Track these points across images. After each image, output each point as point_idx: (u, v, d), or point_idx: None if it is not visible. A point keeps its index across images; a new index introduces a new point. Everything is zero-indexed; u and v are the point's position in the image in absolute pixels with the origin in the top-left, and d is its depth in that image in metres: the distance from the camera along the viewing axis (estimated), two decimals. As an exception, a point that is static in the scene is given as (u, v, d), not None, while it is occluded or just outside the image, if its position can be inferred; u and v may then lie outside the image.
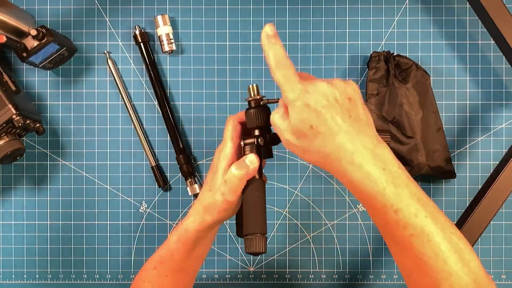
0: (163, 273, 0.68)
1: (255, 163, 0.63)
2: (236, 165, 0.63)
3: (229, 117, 0.66)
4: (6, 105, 0.78)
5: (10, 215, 0.88)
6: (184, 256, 0.67)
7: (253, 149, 0.64)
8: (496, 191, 0.74)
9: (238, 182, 0.62)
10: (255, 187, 0.64)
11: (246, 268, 0.88)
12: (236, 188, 0.63)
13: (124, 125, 0.88)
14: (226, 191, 0.63)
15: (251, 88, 0.65)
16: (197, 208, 0.66)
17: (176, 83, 0.88)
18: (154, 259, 0.69)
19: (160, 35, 0.86)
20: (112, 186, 0.88)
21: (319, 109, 0.55)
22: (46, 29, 0.79)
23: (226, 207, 0.64)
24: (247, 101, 0.65)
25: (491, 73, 0.87)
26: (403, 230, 0.53)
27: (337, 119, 0.55)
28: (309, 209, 0.88)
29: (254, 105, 0.64)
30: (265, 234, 0.62)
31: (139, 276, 0.70)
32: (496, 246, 0.87)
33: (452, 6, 0.87)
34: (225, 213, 0.65)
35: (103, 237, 0.88)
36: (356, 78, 0.87)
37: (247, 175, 0.62)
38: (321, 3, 0.87)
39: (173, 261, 0.68)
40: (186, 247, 0.67)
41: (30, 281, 0.88)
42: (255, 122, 0.64)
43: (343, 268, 0.88)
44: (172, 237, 0.68)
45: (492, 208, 0.74)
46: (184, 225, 0.67)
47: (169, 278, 0.68)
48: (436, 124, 0.84)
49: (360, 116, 0.56)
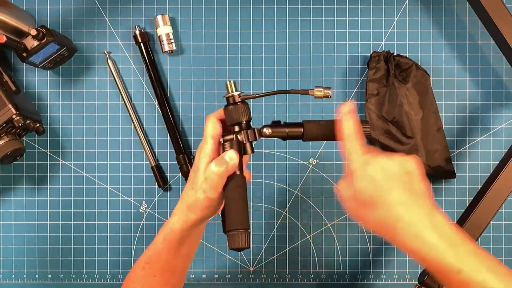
0: (151, 273, 0.68)
1: (234, 159, 0.63)
2: (216, 161, 0.63)
3: (208, 115, 0.67)
4: (6, 105, 0.78)
5: (10, 215, 0.88)
6: (171, 255, 0.68)
7: (233, 145, 0.64)
8: (496, 191, 0.74)
9: (218, 179, 0.63)
10: (236, 183, 0.64)
11: (246, 268, 0.88)
12: (216, 185, 0.63)
13: (124, 125, 0.88)
14: (207, 189, 0.63)
15: (229, 85, 0.65)
16: (180, 207, 0.66)
17: (176, 83, 0.88)
18: (142, 260, 0.69)
19: (160, 35, 0.86)
20: (112, 186, 0.88)
21: (378, 180, 0.59)
22: (46, 29, 0.79)
23: (208, 204, 0.64)
24: (225, 98, 0.65)
25: (491, 73, 0.87)
26: (467, 287, 0.57)
27: (394, 192, 0.59)
28: (309, 209, 0.88)
29: (232, 101, 0.64)
30: (247, 229, 0.63)
31: (128, 276, 0.70)
32: (496, 246, 0.87)
33: (452, 6, 0.87)
34: (208, 210, 0.65)
35: (103, 237, 0.88)
36: (356, 78, 0.87)
37: (226, 171, 0.63)
38: (321, 3, 0.87)
39: (160, 261, 0.68)
40: (172, 246, 0.67)
41: (30, 281, 0.88)
42: (234, 119, 0.64)
43: (343, 268, 0.88)
44: (158, 237, 0.68)
45: (492, 208, 0.74)
46: (170, 224, 0.67)
47: (158, 278, 0.68)
48: (436, 124, 0.84)
49: (417, 189, 0.60)
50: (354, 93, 0.87)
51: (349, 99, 0.87)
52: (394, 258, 0.88)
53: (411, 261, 0.88)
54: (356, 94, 0.87)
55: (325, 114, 0.87)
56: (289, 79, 0.87)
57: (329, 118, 0.87)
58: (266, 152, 0.87)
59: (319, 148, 0.87)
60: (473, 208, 0.75)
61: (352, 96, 0.87)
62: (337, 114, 0.88)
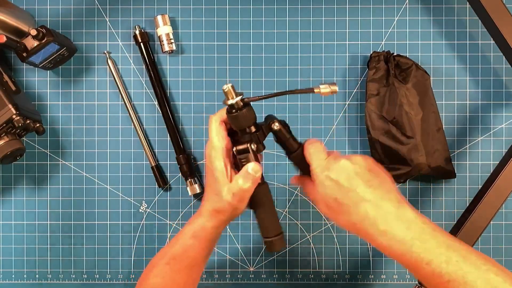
0: (177, 269, 0.69)
1: (258, 171, 0.64)
2: (242, 178, 0.64)
3: (210, 117, 0.66)
4: (6, 105, 0.78)
5: (10, 215, 0.88)
6: (200, 252, 0.69)
7: (249, 158, 0.64)
8: (496, 191, 0.74)
9: (247, 194, 0.65)
10: (262, 192, 0.65)
11: (246, 268, 0.88)
12: (245, 198, 0.65)
13: (124, 125, 0.88)
14: (234, 202, 0.65)
15: (229, 91, 0.62)
16: (207, 208, 0.67)
17: (176, 83, 0.88)
18: (166, 255, 0.70)
19: (160, 35, 0.86)
20: (112, 186, 0.88)
21: (341, 183, 0.61)
22: (46, 29, 0.79)
23: (236, 213, 0.67)
24: (228, 105, 0.63)
25: (491, 73, 0.87)
26: (439, 278, 0.57)
27: (358, 190, 0.60)
28: (309, 209, 0.88)
29: (236, 108, 0.63)
30: (281, 233, 0.66)
31: (149, 271, 0.71)
32: (496, 246, 0.87)
33: (452, 6, 0.87)
34: (237, 213, 0.67)
35: (103, 237, 0.88)
36: (356, 78, 0.87)
37: (254, 185, 0.64)
38: (321, 3, 0.87)
39: (188, 257, 0.69)
40: (203, 244, 0.68)
41: (30, 281, 0.88)
42: (242, 125, 0.64)
43: (343, 268, 0.88)
44: (186, 234, 0.69)
45: (492, 208, 0.74)
46: (199, 223, 0.68)
47: (182, 274, 0.69)
48: (436, 124, 0.84)
49: (381, 185, 0.61)
50: (354, 93, 0.87)
51: (349, 99, 0.87)
52: (394, 258, 0.88)
53: (411, 261, 0.88)
54: (356, 94, 0.87)
55: (325, 114, 0.87)
56: (289, 79, 0.87)
57: (329, 117, 0.87)
58: (266, 152, 0.87)
59: (319, 148, 0.87)
60: (473, 208, 0.75)
61: (352, 96, 0.87)
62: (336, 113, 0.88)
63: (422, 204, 0.88)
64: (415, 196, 0.88)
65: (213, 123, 0.65)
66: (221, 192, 0.64)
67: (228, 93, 0.62)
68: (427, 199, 0.88)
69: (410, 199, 0.87)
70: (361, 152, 0.87)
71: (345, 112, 0.87)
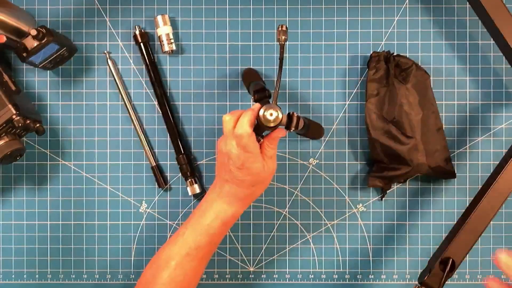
0: (200, 257, 0.71)
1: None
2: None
3: (249, 110, 0.71)
4: (6, 105, 0.78)
5: (10, 215, 0.88)
6: (221, 239, 0.73)
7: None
8: (496, 191, 0.74)
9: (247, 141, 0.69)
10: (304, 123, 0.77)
11: (246, 268, 0.88)
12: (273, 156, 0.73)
13: (124, 125, 0.88)
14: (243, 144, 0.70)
15: (278, 116, 0.71)
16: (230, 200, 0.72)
17: (176, 83, 0.88)
18: (187, 245, 0.71)
19: (160, 35, 0.86)
20: (112, 186, 0.88)
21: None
22: (46, 29, 0.79)
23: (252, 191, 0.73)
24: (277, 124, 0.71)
25: (491, 73, 0.87)
26: None
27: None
28: (309, 209, 0.88)
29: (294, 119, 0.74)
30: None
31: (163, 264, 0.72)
32: (496, 246, 0.87)
33: (452, 6, 0.87)
34: (263, 186, 0.74)
35: (103, 237, 0.88)
36: (356, 78, 0.87)
37: (253, 115, 0.69)
38: (321, 3, 0.87)
39: (215, 244, 0.72)
40: (226, 231, 0.73)
41: (30, 281, 0.88)
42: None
43: (343, 268, 0.88)
44: (214, 222, 0.71)
45: (492, 208, 0.74)
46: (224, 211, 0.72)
47: (204, 262, 0.73)
48: (436, 124, 0.84)
49: None
50: (354, 93, 0.87)
51: (349, 99, 0.87)
52: (394, 258, 0.88)
53: (411, 261, 0.88)
54: (356, 94, 0.87)
55: (325, 114, 0.87)
56: (289, 79, 0.87)
57: (329, 117, 0.87)
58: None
59: (319, 148, 0.87)
60: (473, 208, 0.75)
61: (352, 96, 0.87)
62: (337, 114, 0.88)
63: (422, 204, 0.88)
64: (415, 196, 0.88)
65: (250, 115, 0.70)
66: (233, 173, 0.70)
67: (278, 118, 0.71)
68: (427, 199, 0.88)
69: (410, 199, 0.88)
70: (361, 152, 0.87)
71: (345, 112, 0.87)
